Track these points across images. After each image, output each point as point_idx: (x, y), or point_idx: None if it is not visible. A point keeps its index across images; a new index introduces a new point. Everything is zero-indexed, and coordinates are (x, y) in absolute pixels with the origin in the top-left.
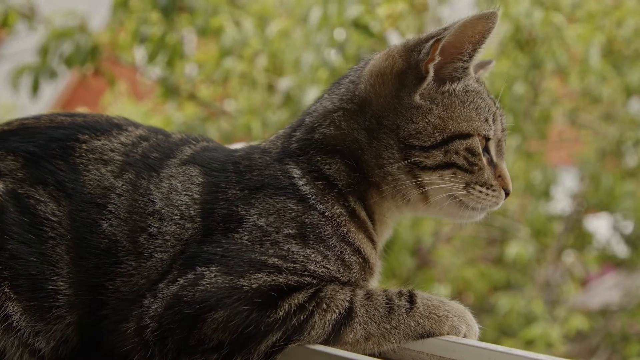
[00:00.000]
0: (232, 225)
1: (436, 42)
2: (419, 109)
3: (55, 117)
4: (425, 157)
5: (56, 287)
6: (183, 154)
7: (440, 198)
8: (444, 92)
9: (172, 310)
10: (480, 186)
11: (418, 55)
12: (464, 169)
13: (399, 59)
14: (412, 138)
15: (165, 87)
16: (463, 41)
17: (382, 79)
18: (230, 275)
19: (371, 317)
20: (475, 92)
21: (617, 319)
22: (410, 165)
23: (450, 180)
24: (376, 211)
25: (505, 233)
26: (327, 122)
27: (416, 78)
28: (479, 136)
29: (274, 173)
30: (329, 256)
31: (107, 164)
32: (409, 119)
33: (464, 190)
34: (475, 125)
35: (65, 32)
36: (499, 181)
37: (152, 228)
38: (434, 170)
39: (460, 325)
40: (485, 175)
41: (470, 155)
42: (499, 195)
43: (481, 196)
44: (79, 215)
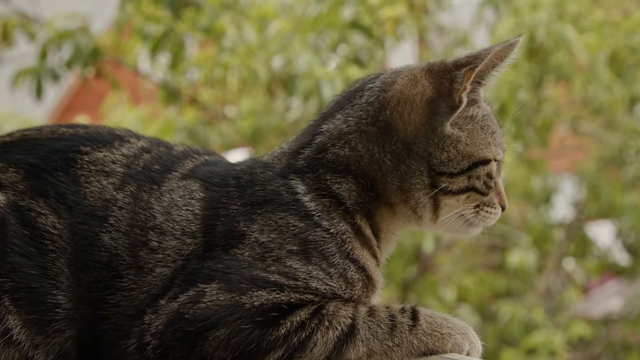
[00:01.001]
0: (233, 241)
1: (469, 71)
2: (450, 137)
3: (57, 128)
4: (450, 183)
5: (56, 301)
6: (184, 167)
7: (449, 217)
8: (466, 118)
9: (173, 328)
10: (488, 206)
11: (450, 84)
12: (481, 192)
13: (429, 86)
14: (443, 165)
15: (167, 91)
16: (488, 66)
17: (411, 107)
18: (231, 292)
19: (374, 334)
20: (489, 115)
21: (619, 328)
22: (438, 191)
23: (464, 202)
24: (383, 229)
25: (506, 240)
26: (341, 143)
27: (449, 107)
28: (495, 160)
29: (276, 189)
30: (332, 273)
31: (109, 176)
32: (442, 147)
33: (474, 212)
34: (493, 151)
35: (65, 34)
36: (497, 198)
37: (153, 242)
38: (455, 195)
39: (463, 343)
40: (492, 195)
41: (489, 180)
42: (498, 212)
43: (487, 215)
44: (80, 228)
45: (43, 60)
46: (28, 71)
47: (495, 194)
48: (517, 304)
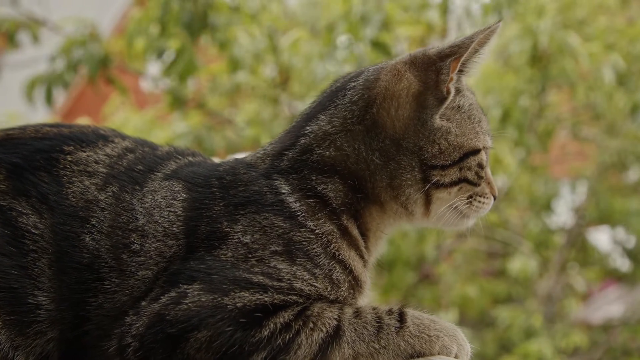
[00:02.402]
0: (216, 242)
1: (455, 62)
2: (440, 129)
3: (41, 127)
4: (442, 176)
5: (37, 302)
6: (167, 168)
7: (442, 211)
8: (453, 108)
9: (155, 330)
10: (480, 197)
11: (437, 75)
12: (473, 182)
13: (415, 80)
14: (435, 158)
15: (174, 96)
16: (470, 54)
17: (397, 102)
18: (214, 293)
19: (359, 336)
20: (474, 104)
21: (619, 334)
22: (430, 185)
23: (456, 194)
24: (372, 228)
25: (507, 246)
26: (326, 143)
27: (437, 99)
28: (485, 149)
29: (260, 189)
30: (317, 274)
31: (91, 177)
32: (432, 140)
33: (467, 203)
34: (482, 139)
35: (78, 41)
36: (488, 188)
37: (135, 245)
38: (447, 187)
39: (451, 345)
40: (483, 185)
41: (480, 170)
42: (490, 202)
43: (480, 206)
44: (61, 228)
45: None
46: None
47: (485, 184)
48: (516, 310)
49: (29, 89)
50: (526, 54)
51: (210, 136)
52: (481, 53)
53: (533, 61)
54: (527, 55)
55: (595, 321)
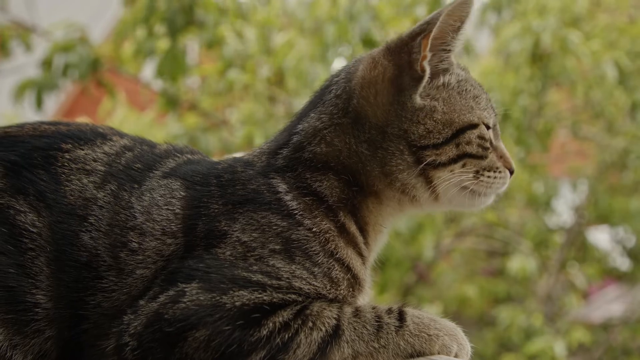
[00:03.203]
0: (214, 240)
1: (424, 38)
2: (423, 109)
3: (39, 125)
4: (438, 155)
5: (35, 301)
6: (166, 166)
7: (450, 192)
8: (439, 87)
9: (153, 329)
10: (489, 171)
11: (409, 56)
12: (478, 156)
13: (388, 64)
14: (423, 139)
15: (167, 98)
16: (446, 31)
17: (375, 89)
18: (212, 292)
19: (359, 335)
20: (466, 80)
21: (619, 333)
22: (425, 166)
23: (460, 172)
24: (370, 221)
25: (507, 245)
26: (316, 140)
27: (413, 79)
28: (485, 124)
29: (257, 188)
30: (316, 272)
31: (90, 175)
32: (416, 121)
33: (475, 179)
34: (478, 114)
35: (67, 45)
36: (501, 162)
37: (133, 243)
38: (447, 166)
39: (451, 344)
40: (492, 159)
41: (483, 142)
42: (505, 176)
43: (491, 180)
44: (59, 226)
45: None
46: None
47: (497, 158)
48: (516, 309)
49: (19, 93)
50: (526, 52)
51: (205, 137)
52: (462, 29)
53: (533, 60)
54: (528, 53)
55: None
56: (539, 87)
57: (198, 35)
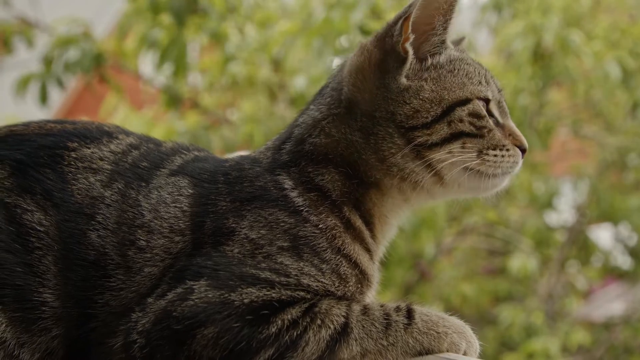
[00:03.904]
0: (222, 238)
1: (405, 21)
2: (409, 89)
3: (44, 124)
4: (429, 134)
5: (42, 299)
6: (173, 164)
7: (455, 174)
8: (428, 67)
9: (161, 326)
10: (493, 149)
11: (392, 39)
12: (473, 134)
13: (374, 49)
14: (411, 119)
15: (169, 95)
16: (433, 15)
17: (362, 75)
18: (220, 289)
19: (367, 333)
20: (460, 59)
21: (620, 332)
22: (416, 148)
23: (460, 152)
24: (376, 214)
25: (507, 244)
26: (316, 131)
27: (397, 61)
28: (479, 99)
29: (264, 184)
30: (324, 269)
31: (96, 173)
32: (402, 101)
33: (478, 159)
34: (470, 89)
35: (70, 39)
36: (510, 140)
37: (141, 241)
38: (441, 146)
39: (460, 342)
40: (496, 137)
41: (475, 120)
42: (515, 154)
43: (497, 160)
44: (67, 225)
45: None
46: (32, 76)
47: (504, 135)
48: (517, 308)
49: (21, 86)
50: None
51: (207, 135)
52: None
53: (535, 59)
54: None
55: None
56: (540, 86)
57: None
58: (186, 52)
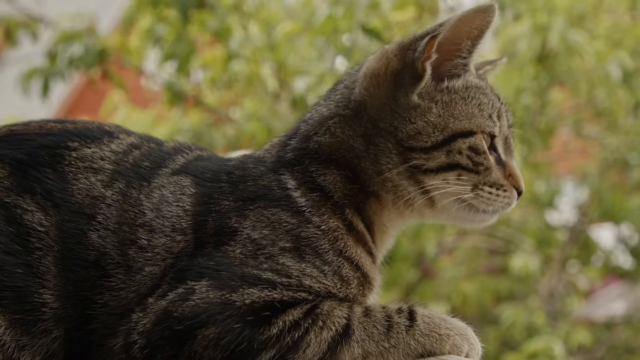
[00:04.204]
0: (225, 237)
1: (432, 39)
2: (417, 108)
3: (45, 123)
4: (426, 160)
5: (42, 300)
6: (175, 163)
7: (447, 202)
8: (442, 90)
9: (161, 326)
10: (490, 187)
11: (414, 53)
12: (469, 169)
13: (394, 58)
14: (411, 139)
15: (172, 93)
16: (461, 37)
17: (376, 81)
18: (222, 290)
19: (369, 335)
20: (477, 87)
21: (622, 332)
22: (411, 169)
23: (456, 182)
24: (376, 222)
25: (509, 244)
26: (322, 130)
27: (413, 77)
28: (483, 134)
29: (268, 184)
30: (326, 271)
31: (97, 173)
32: (407, 119)
33: (472, 193)
34: (478, 122)
35: (73, 35)
36: (509, 180)
37: (142, 240)
38: (437, 173)
39: (462, 344)
40: (494, 174)
41: (474, 155)
42: (510, 195)
43: (491, 197)
44: (67, 225)
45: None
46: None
47: (504, 175)
48: (519, 308)
49: (25, 80)
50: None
51: (210, 133)
52: (481, 38)
53: (538, 59)
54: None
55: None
56: (543, 85)
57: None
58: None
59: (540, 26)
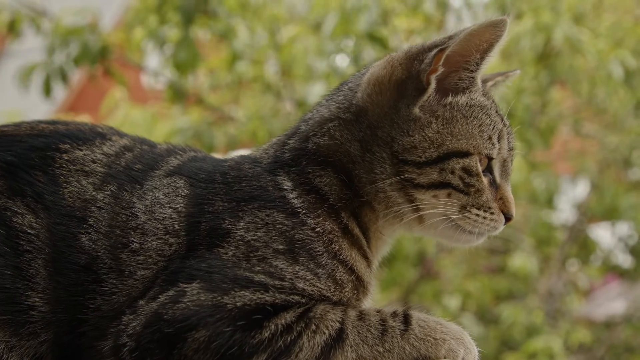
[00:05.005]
0: (217, 239)
1: (440, 52)
2: (417, 121)
3: (36, 124)
4: (418, 174)
5: (31, 303)
6: (169, 164)
7: (434, 219)
8: (445, 105)
9: (152, 329)
10: (477, 209)
11: (420, 65)
12: (459, 189)
13: (399, 67)
14: (406, 152)
15: (174, 91)
16: (470, 50)
17: (379, 88)
18: (213, 292)
19: (363, 339)
20: (481, 107)
21: (621, 330)
22: (403, 182)
23: (445, 200)
24: (371, 228)
25: (508, 243)
26: (322, 131)
27: (416, 89)
28: (480, 155)
29: (263, 184)
30: (320, 274)
31: (89, 176)
32: (405, 131)
33: (460, 214)
34: (476, 144)
35: (75, 31)
36: (499, 204)
37: (134, 244)
38: (427, 189)
39: (458, 349)
40: (484, 197)
41: (466, 176)
42: (497, 219)
43: (478, 220)
44: (58, 228)
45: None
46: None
47: (494, 197)
48: (518, 307)
49: (24, 76)
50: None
51: (210, 131)
52: (490, 52)
53: (539, 58)
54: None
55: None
56: (544, 85)
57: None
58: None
59: (544, 25)
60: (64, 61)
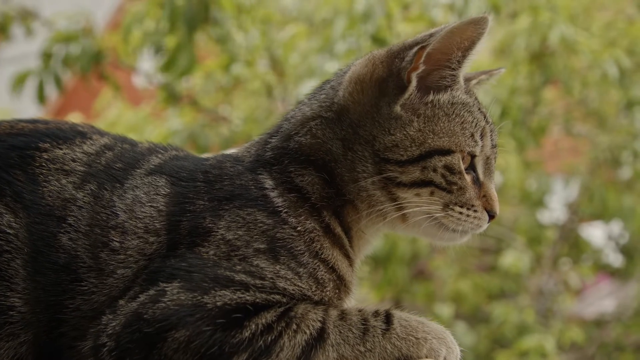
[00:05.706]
0: (198, 238)
1: (421, 50)
2: (398, 120)
3: (16, 123)
4: (400, 173)
5: (10, 304)
6: (150, 163)
7: (418, 217)
8: (427, 103)
9: (131, 329)
10: (460, 207)
11: (401, 62)
12: (442, 187)
13: (380, 65)
14: (388, 151)
15: (168, 92)
16: (451, 48)
17: (361, 86)
18: (193, 292)
19: (344, 338)
20: (463, 104)
21: (612, 329)
22: (385, 180)
23: (428, 199)
24: (353, 227)
25: (500, 242)
26: (304, 130)
27: (397, 87)
28: (462, 153)
29: (245, 183)
30: (301, 273)
31: (68, 175)
32: (387, 130)
33: (443, 212)
34: (458, 141)
35: (69, 36)
36: (482, 201)
37: (114, 243)
38: (409, 188)
39: (440, 348)
40: (467, 195)
41: (449, 174)
42: (481, 217)
43: (461, 218)
44: (37, 228)
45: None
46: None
47: (477, 195)
48: (510, 306)
49: (17, 83)
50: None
51: (204, 133)
52: (472, 49)
53: (533, 57)
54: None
55: (588, 316)
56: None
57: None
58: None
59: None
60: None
